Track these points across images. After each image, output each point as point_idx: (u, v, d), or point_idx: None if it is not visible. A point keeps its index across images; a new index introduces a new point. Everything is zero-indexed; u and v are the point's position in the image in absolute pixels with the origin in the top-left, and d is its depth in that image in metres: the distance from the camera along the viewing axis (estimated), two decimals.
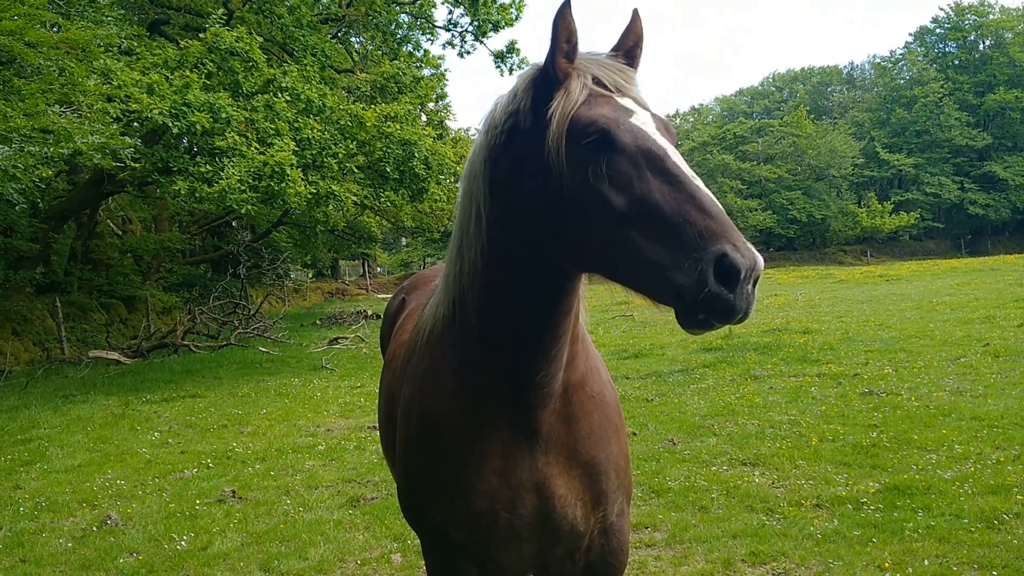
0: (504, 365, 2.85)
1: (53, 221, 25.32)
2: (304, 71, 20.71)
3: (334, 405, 14.47)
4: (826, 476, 8.13)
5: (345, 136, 20.19)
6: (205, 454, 11.10)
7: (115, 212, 33.41)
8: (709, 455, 9.25)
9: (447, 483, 2.97)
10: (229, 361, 21.81)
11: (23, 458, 11.51)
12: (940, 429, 9.49)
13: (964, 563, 5.88)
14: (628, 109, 2.57)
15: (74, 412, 14.90)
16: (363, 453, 10.64)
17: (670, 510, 7.48)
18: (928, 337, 17.08)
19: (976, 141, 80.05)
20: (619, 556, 3.25)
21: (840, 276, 47.36)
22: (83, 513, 8.75)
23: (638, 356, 17.41)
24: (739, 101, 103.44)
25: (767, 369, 14.70)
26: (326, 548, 7.12)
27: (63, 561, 7.23)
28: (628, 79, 2.69)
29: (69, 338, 25.00)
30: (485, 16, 25.92)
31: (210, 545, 7.37)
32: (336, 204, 20.33)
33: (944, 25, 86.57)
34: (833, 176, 78.81)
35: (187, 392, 16.65)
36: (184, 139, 17.91)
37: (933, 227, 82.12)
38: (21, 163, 13.41)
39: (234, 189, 16.88)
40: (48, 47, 14.42)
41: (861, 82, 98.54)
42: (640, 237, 2.38)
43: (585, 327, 3.18)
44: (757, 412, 11.25)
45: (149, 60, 18.46)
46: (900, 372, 13.45)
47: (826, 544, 6.41)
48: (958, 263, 53.88)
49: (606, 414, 3.12)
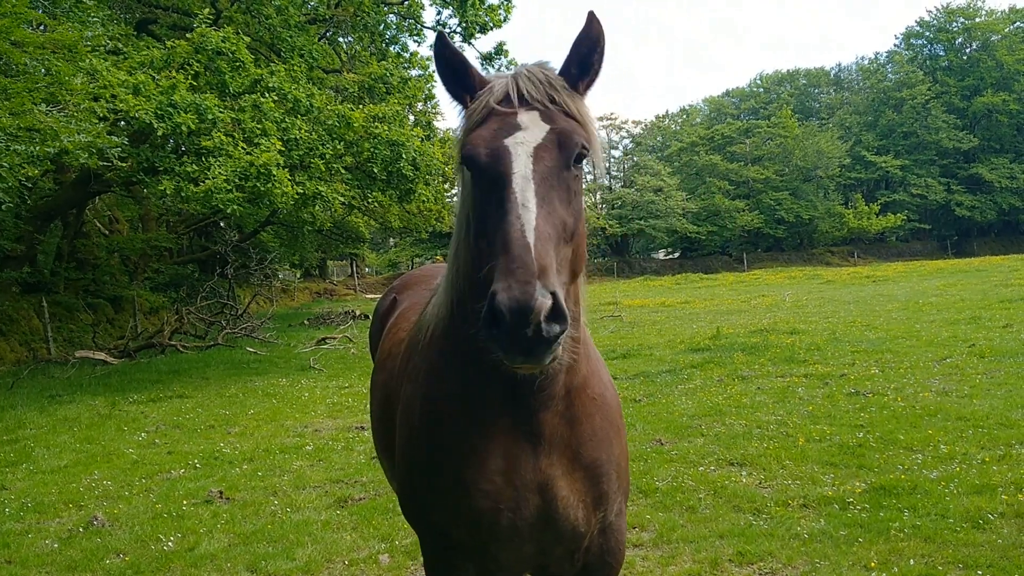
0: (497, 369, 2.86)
1: (39, 220, 25.17)
2: (292, 71, 20.65)
3: (322, 405, 14.44)
4: (813, 476, 8.17)
5: (333, 136, 20.15)
6: (192, 455, 11.06)
7: (102, 212, 33.23)
8: (697, 455, 9.27)
9: (450, 481, 2.99)
10: (216, 361, 21.74)
11: (9, 459, 11.44)
12: (926, 429, 9.55)
13: (950, 562, 5.92)
14: (515, 126, 2.58)
15: (60, 412, 14.82)
16: (351, 454, 10.63)
17: (658, 510, 7.50)
18: (914, 338, 17.18)
19: (963, 143, 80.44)
20: (616, 555, 3.29)
21: (827, 277, 47.58)
22: (69, 514, 8.71)
23: (626, 356, 17.44)
24: (727, 102, 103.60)
25: (754, 369, 14.75)
26: (314, 549, 7.10)
27: (49, 562, 7.19)
28: (544, 89, 2.67)
29: (55, 338, 24.85)
30: (473, 18, 25.89)
31: (197, 546, 7.35)
32: (323, 205, 20.31)
33: (931, 27, 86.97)
34: (820, 177, 79.06)
35: (174, 392, 16.58)
36: (170, 139, 17.81)
37: (920, 228, 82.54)
38: (7, 162, 13.35)
39: (220, 189, 16.82)
40: (34, 47, 14.35)
41: (848, 84, 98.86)
42: (487, 260, 2.41)
43: (587, 330, 3.19)
44: (744, 412, 11.29)
45: (136, 60, 18.36)
46: (886, 373, 13.52)
47: (813, 544, 6.44)
48: (944, 264, 54.22)
49: (608, 416, 3.15)
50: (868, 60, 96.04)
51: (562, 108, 2.64)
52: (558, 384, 2.92)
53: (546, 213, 2.37)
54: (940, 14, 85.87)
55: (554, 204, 2.42)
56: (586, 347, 3.11)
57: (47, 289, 27.06)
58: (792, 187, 77.89)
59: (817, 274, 52.03)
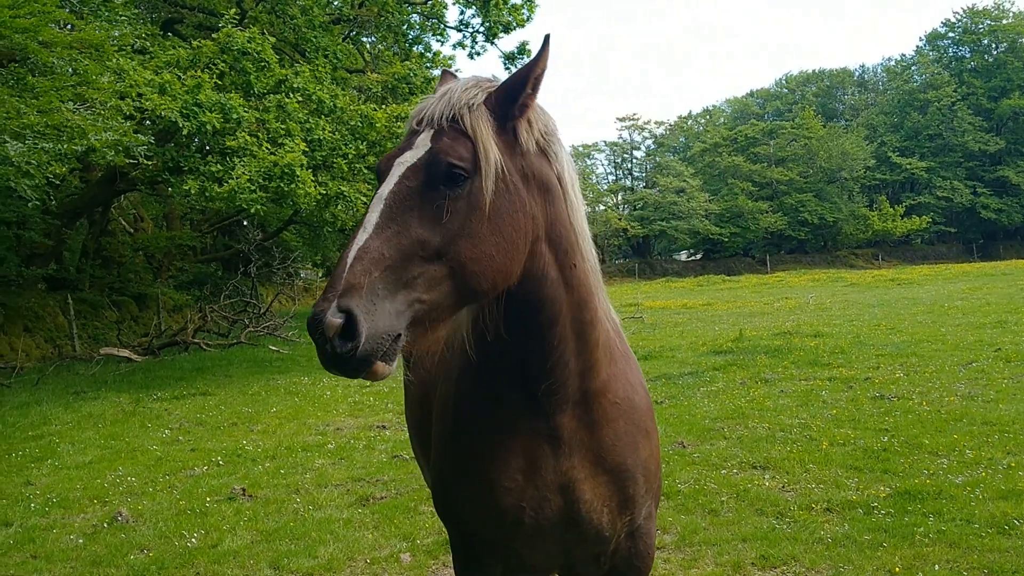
0: (510, 372, 2.92)
1: (66, 218, 25.41)
2: (316, 71, 20.74)
3: (343, 404, 14.49)
4: (837, 480, 8.11)
5: (355, 136, 20.24)
6: (215, 452, 11.13)
7: (127, 210, 33.52)
8: (719, 458, 9.23)
9: (476, 479, 3.02)
10: (239, 359, 21.87)
11: (34, 454, 11.56)
12: (951, 434, 9.46)
13: (975, 568, 5.86)
14: (406, 147, 2.63)
15: (85, 409, 14.95)
16: (372, 452, 10.66)
17: (679, 513, 7.47)
18: (940, 341, 17.02)
19: (989, 146, 79.57)
20: (645, 559, 3.29)
21: (851, 279, 47.25)
22: (94, 509, 8.78)
23: (648, 358, 17.38)
24: (750, 103, 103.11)
25: (777, 372, 14.67)
26: (335, 547, 7.13)
27: (74, 557, 7.26)
28: (448, 110, 2.63)
29: (80, 335, 25.10)
30: (496, 17, 25.94)
31: (220, 542, 7.39)
32: (345, 204, 20.36)
33: (956, 29, 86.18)
34: (845, 179, 78.44)
35: (197, 390, 16.70)
36: (195, 139, 17.94)
37: (945, 231, 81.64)
38: (35, 159, 13.48)
39: (244, 189, 16.93)
40: (62, 46, 14.50)
41: (873, 85, 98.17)
42: None
43: (613, 332, 3.18)
44: (767, 415, 11.23)
45: (162, 59, 18.52)
46: (911, 376, 13.40)
47: (836, 548, 6.39)
48: (970, 267, 53.71)
49: (634, 419, 3.13)
50: (894, 61, 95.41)
51: (460, 128, 2.59)
52: (570, 388, 2.92)
53: (390, 234, 2.40)
54: (965, 16, 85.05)
55: (409, 224, 2.43)
56: (607, 351, 3.08)
57: (72, 286, 27.34)
58: (816, 189, 77.40)
59: (841, 276, 51.67)
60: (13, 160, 13.06)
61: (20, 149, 13.10)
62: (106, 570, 6.95)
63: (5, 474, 10.53)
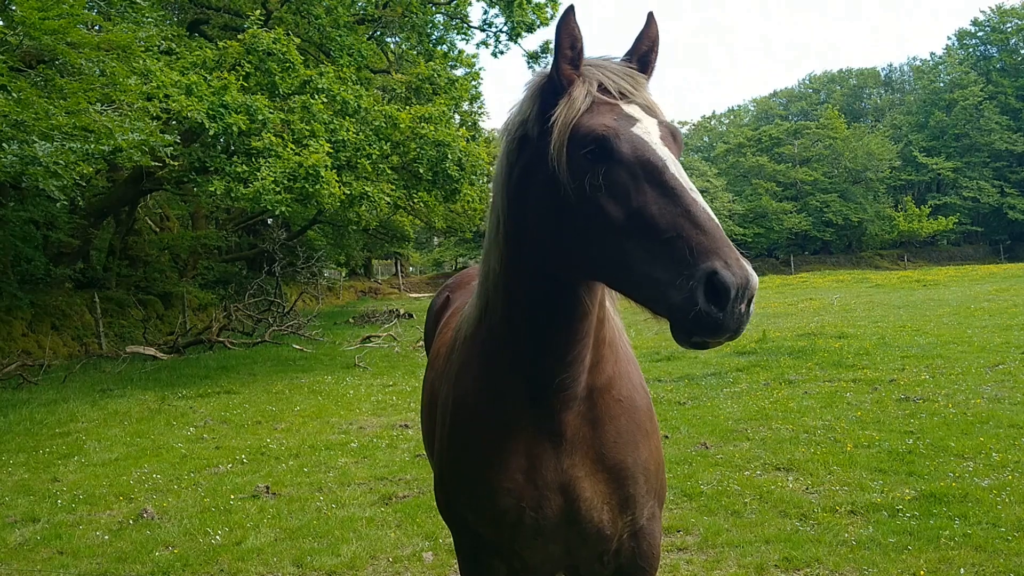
0: (524, 368, 2.91)
1: (93, 217, 25.69)
2: (340, 72, 20.83)
3: (366, 403, 14.55)
4: (861, 482, 8.05)
5: (379, 137, 20.31)
6: (239, 450, 11.21)
7: (153, 209, 33.81)
8: (742, 459, 9.19)
9: (476, 480, 3.03)
10: (263, 358, 22.00)
11: (61, 451, 11.69)
12: (977, 436, 9.37)
13: (1001, 572, 5.80)
14: (631, 117, 2.55)
15: (111, 406, 15.10)
16: (395, 451, 10.70)
17: (702, 514, 7.44)
18: (966, 343, 16.85)
19: (1017, 145, 78.62)
20: (650, 560, 3.27)
21: (876, 280, 46.85)
22: (120, 506, 8.87)
23: (670, 359, 17.32)
24: (775, 103, 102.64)
25: (801, 374, 14.58)
26: (358, 545, 7.16)
27: (100, 553, 7.33)
28: (636, 85, 2.66)
29: (107, 333, 25.35)
30: (520, 17, 25.95)
31: (244, 540, 7.44)
32: (369, 205, 20.45)
33: (985, 28, 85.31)
34: (870, 179, 77.83)
35: (222, 388, 16.82)
36: (221, 139, 18.07)
37: (972, 232, 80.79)
38: (63, 159, 13.62)
39: (268, 190, 17.03)
40: (89, 48, 14.64)
41: (899, 85, 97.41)
42: (636, 250, 2.38)
43: (617, 330, 3.19)
44: (791, 417, 11.16)
45: (188, 60, 18.67)
46: (937, 378, 13.28)
47: (860, 551, 6.35)
48: (997, 268, 53.08)
49: (635, 418, 3.13)
50: (921, 61, 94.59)
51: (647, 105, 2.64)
52: (580, 385, 2.93)
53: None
54: (994, 14, 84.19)
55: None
56: (613, 348, 3.10)
57: (99, 285, 27.62)
58: (841, 189, 76.88)
59: (866, 277, 51.26)
60: (41, 160, 13.21)
61: (48, 150, 13.24)
62: (131, 566, 7.02)
63: (33, 470, 10.66)
